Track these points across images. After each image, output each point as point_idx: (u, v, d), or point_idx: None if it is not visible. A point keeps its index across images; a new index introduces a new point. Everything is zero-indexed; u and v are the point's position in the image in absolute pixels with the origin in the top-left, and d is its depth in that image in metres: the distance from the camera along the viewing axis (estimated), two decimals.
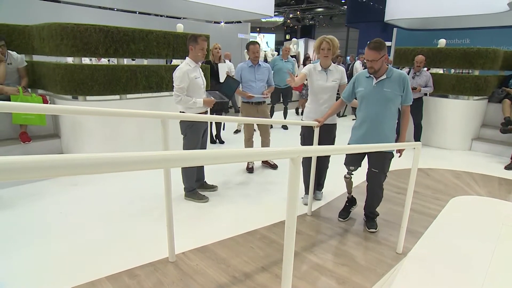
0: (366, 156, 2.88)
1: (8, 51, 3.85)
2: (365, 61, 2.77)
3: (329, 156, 3.36)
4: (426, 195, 3.73)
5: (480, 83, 5.47)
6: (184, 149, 3.35)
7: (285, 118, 7.26)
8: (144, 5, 9.81)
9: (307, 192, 3.35)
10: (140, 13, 10.71)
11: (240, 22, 12.38)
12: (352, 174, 3.02)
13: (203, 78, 3.38)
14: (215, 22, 12.65)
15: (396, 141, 2.90)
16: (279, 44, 24.78)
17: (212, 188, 3.65)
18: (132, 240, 2.55)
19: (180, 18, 11.24)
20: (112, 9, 9.99)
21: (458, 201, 3.63)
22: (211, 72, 5.01)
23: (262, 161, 4.41)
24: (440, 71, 6.59)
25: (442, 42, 6.49)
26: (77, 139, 3.99)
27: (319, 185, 3.54)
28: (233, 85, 3.86)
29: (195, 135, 3.32)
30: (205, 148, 3.64)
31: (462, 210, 3.47)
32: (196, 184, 3.47)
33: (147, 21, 10.20)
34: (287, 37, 27.01)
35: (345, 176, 3.03)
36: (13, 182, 3.47)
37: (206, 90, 3.56)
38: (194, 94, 3.21)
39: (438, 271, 2.34)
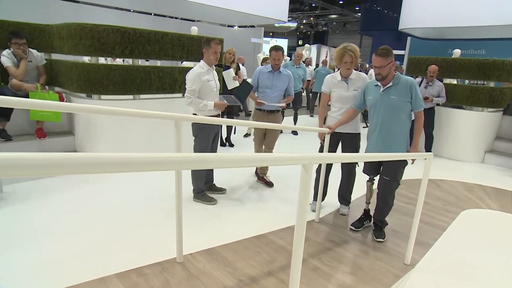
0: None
1: (29, 49, 3.95)
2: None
3: (355, 168, 3.28)
4: (436, 207, 3.67)
5: (495, 95, 5.38)
6: (194, 150, 3.39)
7: (295, 123, 7.26)
8: (160, 7, 9.96)
9: (315, 198, 3.33)
10: (155, 14, 10.90)
11: (253, 26, 12.46)
12: (374, 180, 3.07)
13: (217, 81, 3.40)
14: (228, 26, 12.76)
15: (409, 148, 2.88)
16: (291, 50, 24.83)
17: (221, 190, 3.67)
18: (140, 239, 2.58)
19: (194, 21, 11.38)
20: (129, 10, 10.17)
21: (469, 214, 3.57)
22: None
23: (258, 179, 4.13)
24: (454, 81, 6.50)
25: (457, 53, 6.42)
26: (91, 137, 4.06)
27: (344, 199, 3.39)
28: (247, 89, 3.82)
29: (205, 137, 3.34)
30: (216, 151, 3.66)
31: (473, 224, 3.40)
32: (205, 186, 3.50)
33: (162, 23, 10.35)
34: (300, 42, 27.08)
35: (367, 180, 3.11)
36: (26, 177, 3.55)
37: (221, 93, 3.56)
38: (206, 97, 3.23)
39: (446, 284, 2.30)
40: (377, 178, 3.00)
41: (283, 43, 22.82)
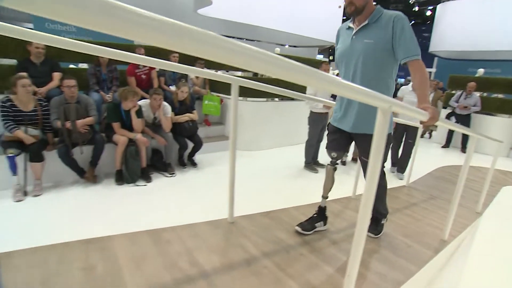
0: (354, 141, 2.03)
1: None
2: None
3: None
4: (482, 183, 4.42)
5: None
6: (308, 136, 4.27)
7: None
8: (235, 30, 10.82)
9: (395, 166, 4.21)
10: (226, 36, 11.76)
11: (295, 46, 13.04)
12: (337, 163, 2.11)
13: None
14: (280, 45, 13.56)
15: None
16: None
17: (323, 166, 4.30)
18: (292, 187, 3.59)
19: (248, 39, 11.97)
20: None
21: (510, 189, 4.29)
22: None
23: (353, 157, 4.75)
24: (484, 94, 7.12)
25: (480, 71, 7.05)
26: (238, 126, 5.09)
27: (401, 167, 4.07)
28: None
29: (315, 128, 4.19)
30: (322, 138, 4.37)
31: None
32: (312, 160, 4.33)
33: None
34: (330, 58, 27.50)
35: (327, 165, 2.16)
36: (210, 150, 4.64)
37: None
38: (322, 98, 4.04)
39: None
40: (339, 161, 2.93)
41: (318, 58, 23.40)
